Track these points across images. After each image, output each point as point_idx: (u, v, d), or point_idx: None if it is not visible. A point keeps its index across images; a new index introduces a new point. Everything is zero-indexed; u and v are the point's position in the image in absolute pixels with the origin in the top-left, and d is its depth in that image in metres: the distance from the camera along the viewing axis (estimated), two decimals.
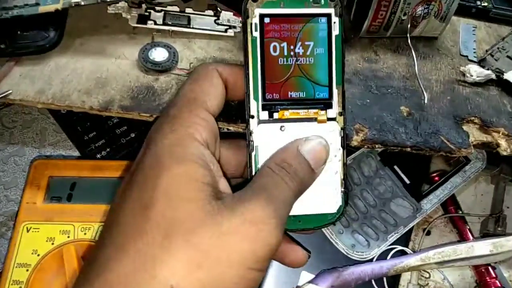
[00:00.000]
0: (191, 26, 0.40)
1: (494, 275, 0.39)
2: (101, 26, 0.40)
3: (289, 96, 0.28)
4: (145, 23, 0.39)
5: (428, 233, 0.43)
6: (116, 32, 0.39)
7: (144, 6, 0.41)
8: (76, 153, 0.45)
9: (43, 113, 0.48)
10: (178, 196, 0.22)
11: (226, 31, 0.41)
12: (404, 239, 0.41)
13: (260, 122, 0.28)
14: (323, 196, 0.28)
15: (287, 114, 0.28)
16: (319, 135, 0.28)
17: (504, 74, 0.41)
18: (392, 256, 0.39)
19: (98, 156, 0.42)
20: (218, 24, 0.41)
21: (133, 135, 0.44)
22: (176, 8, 0.41)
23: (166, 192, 0.22)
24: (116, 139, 0.43)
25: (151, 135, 0.25)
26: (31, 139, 0.47)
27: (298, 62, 0.28)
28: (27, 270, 0.35)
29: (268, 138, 0.28)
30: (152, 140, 0.25)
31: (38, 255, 0.36)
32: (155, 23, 0.40)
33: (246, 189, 0.24)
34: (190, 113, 0.25)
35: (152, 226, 0.21)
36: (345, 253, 0.38)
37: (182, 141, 0.24)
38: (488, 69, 0.41)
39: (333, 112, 0.29)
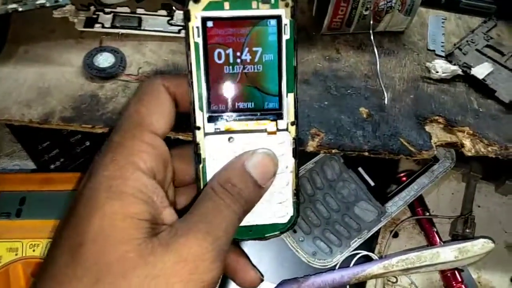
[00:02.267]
0: (142, 28, 0.38)
1: (460, 279, 0.38)
2: (47, 31, 0.38)
3: (237, 107, 0.26)
4: (93, 27, 0.38)
5: (396, 235, 0.42)
6: (63, 38, 0.38)
7: (92, 8, 0.39)
8: (32, 164, 0.43)
9: None
10: (110, 237, 0.21)
11: (179, 32, 0.39)
12: (369, 244, 0.39)
13: (207, 134, 0.26)
14: (274, 207, 0.27)
15: (235, 125, 0.26)
16: (268, 147, 0.26)
17: (472, 69, 0.39)
18: (356, 262, 0.38)
19: (52, 166, 0.41)
20: (171, 24, 0.39)
21: (88, 143, 0.42)
22: (126, 9, 0.39)
23: (98, 233, 0.21)
24: (71, 148, 0.42)
25: (93, 164, 0.24)
26: None
27: (245, 70, 0.26)
28: None
29: (216, 150, 0.26)
30: (94, 170, 0.23)
31: None
32: (103, 26, 0.38)
33: (185, 217, 0.23)
34: (134, 140, 0.24)
35: (82, 271, 0.20)
36: (306, 261, 0.37)
37: (123, 173, 0.22)
38: (455, 64, 0.39)
39: (283, 123, 0.27)
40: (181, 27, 0.39)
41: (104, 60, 0.35)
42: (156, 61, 0.37)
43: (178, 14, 0.40)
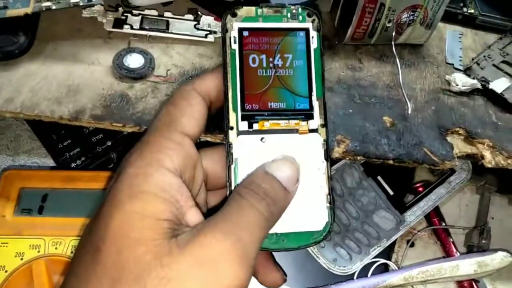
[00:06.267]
0: (169, 31, 0.39)
1: None
2: (75, 30, 0.38)
3: (269, 106, 0.28)
4: (121, 28, 0.38)
5: (412, 245, 0.42)
6: (91, 37, 0.38)
7: (121, 9, 0.39)
8: (51, 161, 0.43)
9: (18, 119, 0.46)
10: (128, 238, 0.20)
11: (206, 36, 0.39)
12: (387, 252, 0.40)
13: (240, 133, 0.27)
14: (308, 213, 0.27)
15: (267, 124, 0.28)
16: (300, 147, 0.27)
17: (490, 83, 0.40)
18: (375, 270, 0.38)
19: (73, 165, 0.41)
20: (198, 29, 0.40)
21: (109, 143, 0.42)
22: (154, 12, 0.40)
23: (116, 233, 0.20)
24: (92, 147, 0.42)
25: (122, 163, 0.24)
26: (5, 146, 0.45)
27: (278, 74, 0.28)
28: None
29: (248, 150, 0.27)
30: (120, 169, 0.23)
31: (6, 271, 0.34)
32: (132, 28, 0.38)
33: (209, 219, 0.23)
34: (162, 138, 0.24)
35: (102, 271, 0.20)
36: (326, 268, 0.37)
37: (146, 170, 0.22)
38: (473, 78, 0.40)
39: (314, 123, 0.28)
40: (207, 32, 0.40)
41: (134, 60, 0.36)
42: (184, 63, 0.38)
43: (205, 19, 0.40)
